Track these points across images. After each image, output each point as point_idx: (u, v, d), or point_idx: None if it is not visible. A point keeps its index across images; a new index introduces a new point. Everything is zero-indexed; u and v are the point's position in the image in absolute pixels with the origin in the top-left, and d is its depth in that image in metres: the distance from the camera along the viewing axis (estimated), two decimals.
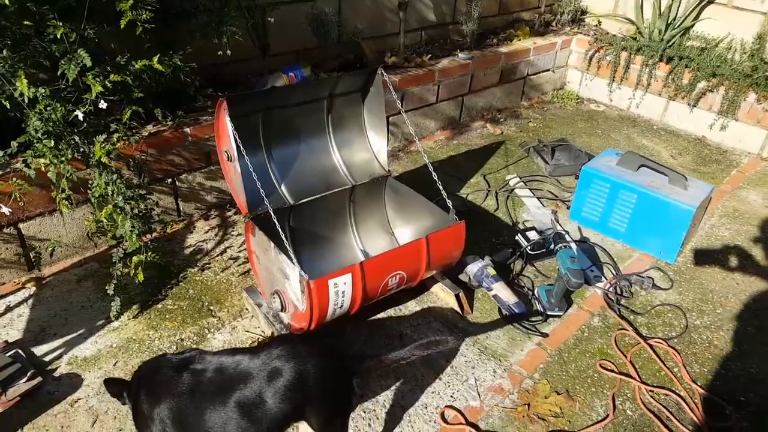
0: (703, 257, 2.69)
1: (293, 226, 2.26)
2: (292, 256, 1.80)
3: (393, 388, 1.94)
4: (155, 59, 2.16)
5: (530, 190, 3.13)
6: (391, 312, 2.25)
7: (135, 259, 2.09)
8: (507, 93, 4.19)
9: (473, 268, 2.32)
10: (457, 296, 2.24)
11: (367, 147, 2.41)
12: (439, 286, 2.30)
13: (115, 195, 2.04)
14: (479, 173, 3.29)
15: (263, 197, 1.91)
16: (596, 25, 4.71)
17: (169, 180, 2.64)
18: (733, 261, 2.68)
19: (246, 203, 2.05)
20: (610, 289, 2.40)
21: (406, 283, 2.07)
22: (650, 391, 1.97)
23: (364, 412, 1.84)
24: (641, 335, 2.20)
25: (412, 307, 2.28)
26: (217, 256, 2.53)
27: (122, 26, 2.01)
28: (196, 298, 2.29)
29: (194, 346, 2.06)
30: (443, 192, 2.16)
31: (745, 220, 2.99)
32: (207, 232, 2.69)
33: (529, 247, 2.53)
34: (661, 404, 1.93)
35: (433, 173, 2.19)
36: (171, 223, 2.70)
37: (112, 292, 2.08)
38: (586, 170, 2.76)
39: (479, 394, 1.94)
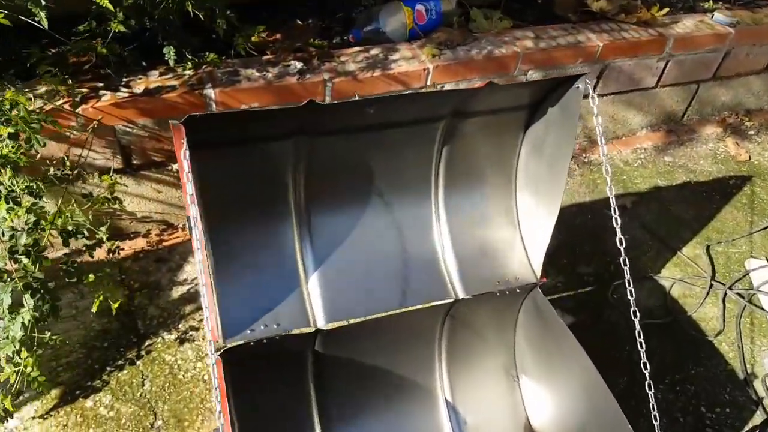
0: None
1: (326, 354, 1.15)
2: None
3: None
4: None
5: None
6: None
7: (24, 355, 1.12)
8: None
9: None
10: None
11: (513, 223, 1.17)
12: None
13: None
14: (700, 237, 1.90)
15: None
16: None
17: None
18: None
19: (219, 322, 0.98)
20: None
21: None
22: None
23: None
24: None
25: None
26: None
27: None
28: (148, 404, 1.32)
29: None
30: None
31: None
32: None
33: None
34: None
35: (620, 237, 0.95)
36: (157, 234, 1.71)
37: None
38: None
39: None
